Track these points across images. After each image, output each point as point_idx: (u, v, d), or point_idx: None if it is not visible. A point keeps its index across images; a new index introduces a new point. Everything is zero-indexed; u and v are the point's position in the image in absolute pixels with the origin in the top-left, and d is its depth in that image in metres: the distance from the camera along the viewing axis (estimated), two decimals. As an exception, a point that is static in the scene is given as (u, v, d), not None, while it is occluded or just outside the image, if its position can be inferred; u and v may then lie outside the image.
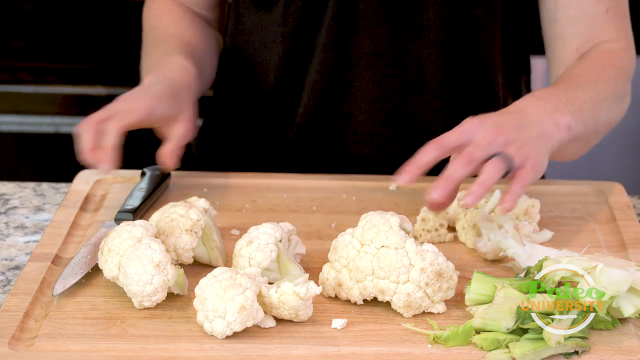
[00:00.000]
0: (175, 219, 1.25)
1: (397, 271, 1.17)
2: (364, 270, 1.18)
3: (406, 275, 1.17)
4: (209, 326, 1.14)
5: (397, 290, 1.17)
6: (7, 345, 1.12)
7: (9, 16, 2.68)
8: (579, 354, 1.12)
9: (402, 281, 1.17)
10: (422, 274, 1.17)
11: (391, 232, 1.18)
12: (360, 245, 1.20)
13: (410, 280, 1.17)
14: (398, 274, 1.17)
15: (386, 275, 1.17)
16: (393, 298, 1.17)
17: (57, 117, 2.78)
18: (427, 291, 1.17)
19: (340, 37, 1.51)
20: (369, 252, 1.19)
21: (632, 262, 1.19)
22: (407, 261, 1.17)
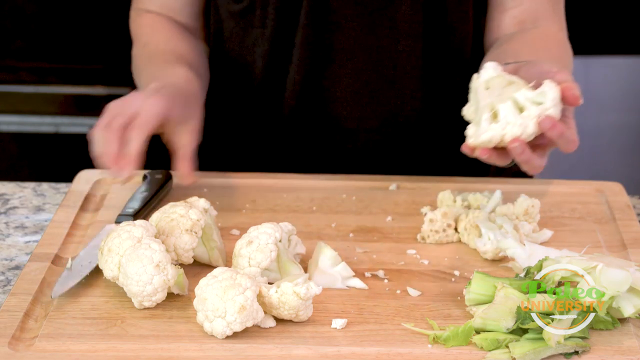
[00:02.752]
0: (175, 219, 1.26)
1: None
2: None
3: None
4: (209, 326, 1.14)
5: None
6: (7, 345, 1.12)
7: (9, 16, 2.68)
8: (579, 354, 1.12)
9: None
10: None
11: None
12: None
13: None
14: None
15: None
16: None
17: (57, 117, 2.78)
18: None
19: (316, 35, 1.52)
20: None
21: (632, 262, 1.19)
22: None
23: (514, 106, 1.19)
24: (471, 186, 1.47)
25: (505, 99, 1.20)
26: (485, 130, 1.19)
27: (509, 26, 1.53)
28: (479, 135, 1.19)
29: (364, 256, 1.31)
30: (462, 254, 1.33)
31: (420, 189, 1.48)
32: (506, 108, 1.19)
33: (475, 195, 1.41)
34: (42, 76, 2.74)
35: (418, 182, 1.50)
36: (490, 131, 1.19)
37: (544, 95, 1.18)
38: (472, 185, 1.47)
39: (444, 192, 1.42)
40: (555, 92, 1.18)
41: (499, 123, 1.18)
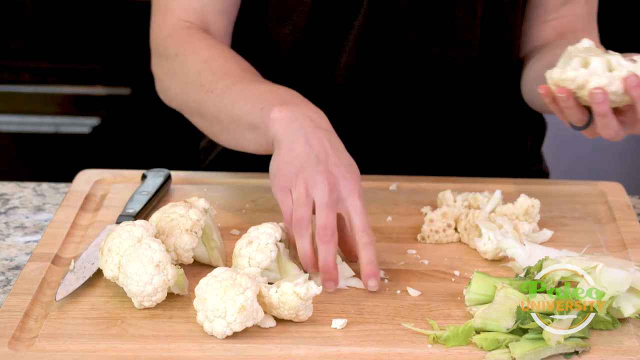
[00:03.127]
0: (175, 219, 1.25)
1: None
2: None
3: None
4: (209, 326, 1.14)
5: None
6: (7, 345, 1.12)
7: (9, 16, 2.68)
8: (579, 354, 1.12)
9: None
10: None
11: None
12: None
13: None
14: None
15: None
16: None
17: (57, 117, 2.78)
18: None
19: (370, 38, 1.49)
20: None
21: (632, 262, 1.19)
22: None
23: (605, 64, 1.19)
24: (471, 186, 1.47)
25: (599, 54, 1.20)
26: (572, 69, 1.19)
27: (549, 37, 1.55)
28: (566, 71, 1.19)
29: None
30: (462, 254, 1.33)
31: (420, 189, 1.48)
32: (598, 61, 1.19)
33: (475, 195, 1.41)
34: (42, 76, 2.74)
35: (418, 182, 1.50)
36: (577, 72, 1.19)
37: (636, 64, 1.19)
38: (472, 185, 1.47)
39: (444, 192, 1.42)
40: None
41: (588, 70, 1.19)
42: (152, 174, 1.46)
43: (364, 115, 1.55)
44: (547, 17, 1.55)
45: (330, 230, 1.19)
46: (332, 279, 1.20)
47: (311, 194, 1.20)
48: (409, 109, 1.55)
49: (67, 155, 2.79)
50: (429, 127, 1.57)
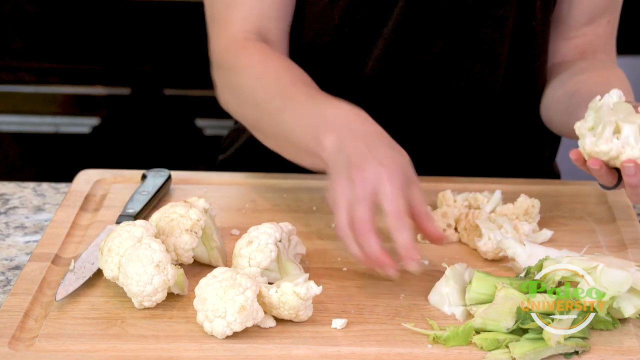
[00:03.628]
0: (175, 219, 1.25)
1: None
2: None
3: None
4: (209, 326, 1.14)
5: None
6: (7, 345, 1.12)
7: (9, 16, 2.68)
8: (579, 354, 1.12)
9: None
10: None
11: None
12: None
13: None
14: None
15: None
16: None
17: (57, 117, 2.78)
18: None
19: (397, 48, 1.49)
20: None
21: (632, 262, 1.19)
22: None
23: (637, 131, 1.19)
24: (471, 186, 1.47)
25: (631, 121, 1.19)
26: (605, 141, 1.19)
27: (570, 54, 1.55)
28: (598, 143, 1.19)
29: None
30: (462, 254, 1.32)
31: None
32: (630, 129, 1.19)
33: (475, 195, 1.41)
34: (42, 76, 2.74)
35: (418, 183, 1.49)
36: (610, 144, 1.19)
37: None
38: (472, 185, 1.47)
39: (444, 192, 1.41)
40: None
41: (620, 140, 1.18)
42: (152, 174, 1.46)
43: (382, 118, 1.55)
44: (569, 34, 1.54)
45: (368, 224, 1.18)
46: (413, 258, 1.17)
47: (354, 205, 1.20)
48: (428, 116, 1.55)
49: (67, 155, 2.79)
50: (446, 133, 1.58)
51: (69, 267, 1.26)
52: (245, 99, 1.41)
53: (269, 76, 1.40)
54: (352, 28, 1.49)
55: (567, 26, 1.54)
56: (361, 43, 1.50)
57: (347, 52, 1.51)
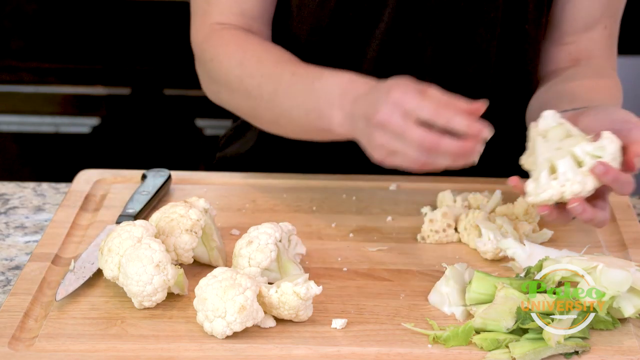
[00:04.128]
0: (175, 219, 1.25)
1: None
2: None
3: None
4: (209, 326, 1.14)
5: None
6: (7, 345, 1.12)
7: (9, 16, 2.68)
8: (579, 354, 1.12)
9: None
10: None
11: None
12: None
13: None
14: None
15: None
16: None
17: (57, 117, 2.78)
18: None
19: (390, 49, 1.49)
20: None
21: (632, 262, 1.19)
22: None
23: (572, 161, 1.18)
24: (471, 186, 1.47)
25: (564, 154, 1.19)
26: (544, 189, 1.19)
27: (564, 61, 1.53)
28: (539, 193, 1.19)
29: (364, 256, 1.31)
30: (462, 254, 1.33)
31: (420, 189, 1.48)
32: (565, 164, 1.18)
33: (475, 195, 1.41)
34: (42, 76, 2.74)
35: (418, 182, 1.50)
36: (550, 189, 1.18)
37: (603, 150, 1.18)
38: (472, 185, 1.47)
39: (444, 192, 1.42)
40: (615, 145, 1.18)
41: (558, 180, 1.18)
42: (152, 174, 1.46)
43: None
44: (563, 40, 1.52)
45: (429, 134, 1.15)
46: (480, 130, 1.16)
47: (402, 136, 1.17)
48: None
49: (67, 155, 2.79)
50: None
51: (69, 267, 1.26)
52: (233, 88, 1.41)
53: (251, 61, 1.40)
54: (343, 29, 1.48)
55: (561, 31, 1.52)
56: (354, 45, 1.50)
57: (341, 53, 1.51)
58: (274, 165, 1.58)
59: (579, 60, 1.52)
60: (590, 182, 1.18)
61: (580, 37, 1.51)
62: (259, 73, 1.38)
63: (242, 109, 1.45)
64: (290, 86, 1.34)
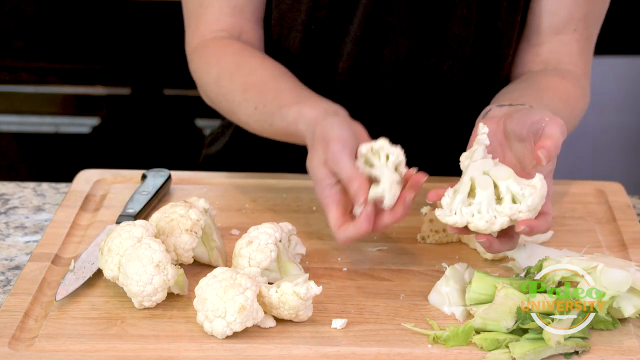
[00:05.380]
0: (175, 219, 1.25)
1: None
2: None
3: None
4: (209, 326, 1.14)
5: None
6: (7, 345, 1.12)
7: (9, 16, 2.68)
8: (579, 354, 1.12)
9: None
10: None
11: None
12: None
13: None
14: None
15: None
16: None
17: (57, 117, 2.78)
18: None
19: (365, 47, 1.49)
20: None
21: (632, 262, 1.19)
22: None
23: (492, 194, 1.16)
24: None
25: (487, 183, 1.17)
26: (453, 212, 1.17)
27: (532, 63, 1.51)
28: (445, 215, 1.17)
29: (364, 256, 1.31)
30: (462, 254, 1.33)
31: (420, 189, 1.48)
32: (483, 195, 1.16)
33: (475, 195, 1.41)
34: (42, 76, 2.74)
35: (418, 182, 1.50)
36: (457, 216, 1.17)
37: (524, 198, 1.15)
38: (472, 185, 1.47)
39: (444, 192, 1.41)
40: (537, 196, 1.15)
41: (470, 208, 1.16)
42: (152, 174, 1.46)
43: (361, 117, 1.55)
44: (531, 41, 1.51)
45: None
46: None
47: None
48: (403, 113, 1.55)
49: (67, 155, 2.79)
50: (424, 130, 1.57)
51: (69, 267, 1.26)
52: (214, 103, 1.47)
53: (224, 80, 1.43)
54: (318, 26, 1.49)
55: (533, 33, 1.51)
56: (330, 42, 1.50)
57: (317, 51, 1.51)
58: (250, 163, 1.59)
59: (546, 63, 1.50)
60: (499, 223, 1.15)
61: (549, 39, 1.50)
62: (231, 97, 1.43)
63: (240, 122, 1.47)
64: (256, 122, 1.39)
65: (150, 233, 1.21)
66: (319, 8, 1.47)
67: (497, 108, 1.29)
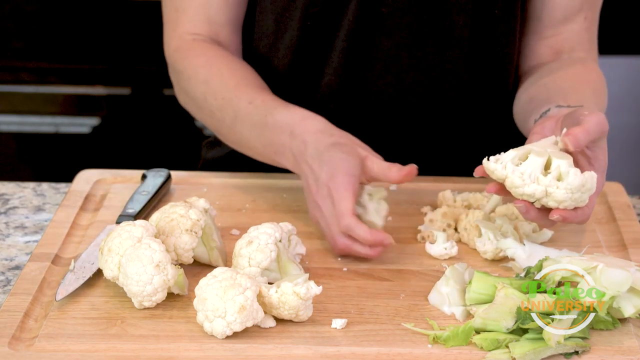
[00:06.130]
0: (175, 219, 1.25)
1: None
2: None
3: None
4: (209, 326, 1.14)
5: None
6: (7, 345, 1.12)
7: (9, 16, 2.68)
8: (579, 354, 1.12)
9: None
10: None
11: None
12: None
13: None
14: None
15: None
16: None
17: (57, 117, 2.78)
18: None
19: (360, 40, 1.49)
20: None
21: (632, 262, 1.19)
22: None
23: (541, 164, 1.19)
24: (471, 186, 1.47)
25: (542, 154, 1.19)
26: (499, 162, 1.20)
27: (546, 55, 1.53)
28: (491, 161, 1.20)
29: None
30: (462, 254, 1.33)
31: (420, 189, 1.48)
32: (534, 161, 1.19)
33: (475, 195, 1.41)
34: (42, 76, 2.74)
35: (418, 182, 1.50)
36: (500, 165, 1.20)
37: (567, 176, 1.18)
38: (472, 185, 1.47)
39: (444, 192, 1.42)
40: (578, 180, 1.17)
41: (516, 167, 1.19)
42: (152, 174, 1.46)
43: (358, 114, 1.55)
44: (544, 33, 1.53)
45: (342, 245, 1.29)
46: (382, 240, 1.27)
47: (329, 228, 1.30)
48: (401, 109, 1.55)
49: (67, 155, 2.79)
50: (424, 127, 1.57)
51: (69, 267, 1.26)
52: (199, 105, 1.47)
53: (214, 80, 1.44)
54: (314, 22, 1.49)
55: (542, 24, 1.52)
56: (324, 36, 1.50)
57: (312, 48, 1.51)
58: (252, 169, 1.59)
59: (560, 53, 1.52)
60: (533, 188, 1.18)
61: (561, 30, 1.51)
62: (220, 95, 1.43)
63: (207, 125, 1.50)
64: (248, 115, 1.39)
65: (150, 233, 1.21)
66: (314, 5, 1.47)
67: (556, 109, 1.30)
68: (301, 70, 1.53)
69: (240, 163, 1.63)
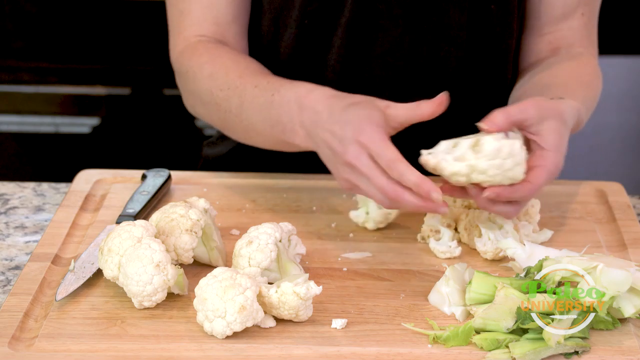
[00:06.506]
0: (175, 219, 1.25)
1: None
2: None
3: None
4: (209, 326, 1.14)
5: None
6: (7, 345, 1.12)
7: (9, 16, 2.68)
8: (579, 354, 1.12)
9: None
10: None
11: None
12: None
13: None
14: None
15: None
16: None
17: (57, 117, 2.78)
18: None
19: (357, 36, 1.49)
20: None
21: (632, 262, 1.19)
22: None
23: (468, 145, 1.21)
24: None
25: (472, 137, 1.22)
26: (433, 154, 1.22)
27: (544, 51, 1.53)
28: (423, 154, 1.23)
29: (364, 256, 1.31)
30: (462, 254, 1.33)
31: (420, 189, 1.48)
32: (462, 143, 1.22)
33: (475, 195, 1.41)
34: (42, 76, 2.74)
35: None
36: (431, 156, 1.22)
37: (481, 148, 1.20)
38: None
39: (444, 192, 1.41)
40: (494, 146, 1.19)
41: (448, 154, 1.22)
42: (152, 174, 1.46)
43: None
44: (542, 30, 1.53)
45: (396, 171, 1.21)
46: (431, 190, 1.20)
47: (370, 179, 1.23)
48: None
49: (67, 155, 2.79)
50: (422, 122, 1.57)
51: (69, 267, 1.26)
52: (205, 100, 1.45)
53: (219, 73, 1.43)
54: (311, 19, 1.49)
55: (540, 22, 1.52)
56: (322, 35, 1.50)
57: (310, 48, 1.51)
58: (255, 167, 1.59)
59: (558, 49, 1.52)
60: (453, 164, 1.21)
61: (559, 26, 1.52)
62: (226, 85, 1.41)
63: (215, 122, 1.48)
64: (254, 99, 1.37)
65: (150, 233, 1.21)
66: (311, 3, 1.47)
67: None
68: (300, 69, 1.53)
69: (241, 161, 1.63)
